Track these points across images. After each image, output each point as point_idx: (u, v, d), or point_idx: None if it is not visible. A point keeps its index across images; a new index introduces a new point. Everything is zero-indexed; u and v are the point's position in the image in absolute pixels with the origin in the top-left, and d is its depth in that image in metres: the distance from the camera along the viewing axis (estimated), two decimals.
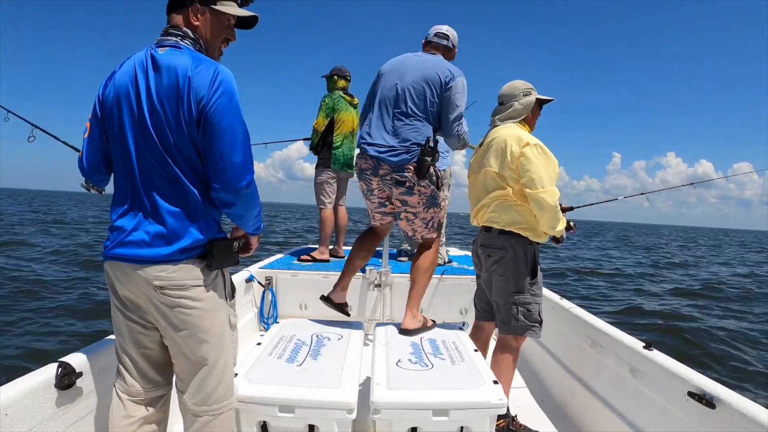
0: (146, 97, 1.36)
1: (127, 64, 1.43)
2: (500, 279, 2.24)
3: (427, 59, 2.39)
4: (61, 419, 1.56)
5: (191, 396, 1.48)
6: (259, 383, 1.66)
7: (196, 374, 1.46)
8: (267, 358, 1.90)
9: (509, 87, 2.32)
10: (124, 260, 1.39)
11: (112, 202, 1.47)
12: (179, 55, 1.38)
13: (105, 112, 1.44)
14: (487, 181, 2.27)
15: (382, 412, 1.59)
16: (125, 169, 1.42)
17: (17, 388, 1.43)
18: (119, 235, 1.40)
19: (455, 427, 1.62)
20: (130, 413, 1.50)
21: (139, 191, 1.40)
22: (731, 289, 11.21)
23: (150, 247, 1.37)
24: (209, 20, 1.47)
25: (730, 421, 1.54)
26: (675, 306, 8.75)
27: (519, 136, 2.16)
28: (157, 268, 1.37)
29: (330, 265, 4.03)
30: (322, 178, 4.15)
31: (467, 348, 2.10)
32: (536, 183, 2.07)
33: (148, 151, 1.37)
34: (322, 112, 4.06)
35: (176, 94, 1.33)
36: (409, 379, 1.74)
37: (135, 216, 1.40)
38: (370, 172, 2.36)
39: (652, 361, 1.96)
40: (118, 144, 1.42)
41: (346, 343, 2.11)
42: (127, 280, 1.41)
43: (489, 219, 2.27)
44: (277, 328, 2.32)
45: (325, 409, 1.59)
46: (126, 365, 1.51)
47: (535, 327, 2.22)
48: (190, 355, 1.44)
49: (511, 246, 2.20)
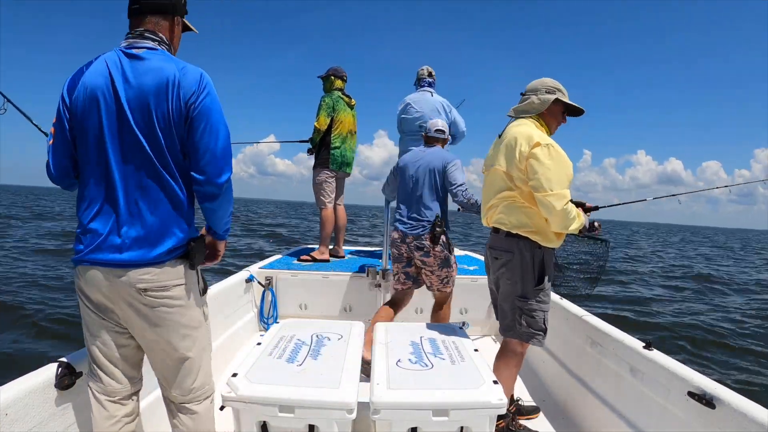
0: (130, 97, 1.36)
1: (96, 65, 1.40)
2: (507, 283, 2.16)
3: (430, 152, 3.09)
4: (61, 419, 1.56)
5: (175, 388, 1.53)
6: (259, 383, 1.66)
7: (180, 368, 1.50)
8: (267, 358, 1.90)
9: (537, 81, 2.22)
10: (104, 265, 1.37)
11: (80, 204, 1.43)
12: (162, 57, 1.41)
13: (75, 114, 1.40)
14: (496, 180, 2.17)
15: (382, 412, 1.59)
16: (99, 171, 1.39)
17: (17, 388, 1.43)
18: (94, 239, 1.38)
19: (455, 427, 1.62)
20: (112, 413, 1.51)
21: (115, 193, 1.38)
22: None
23: (131, 251, 1.37)
24: (179, 32, 1.57)
25: (730, 421, 1.54)
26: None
27: (530, 134, 2.04)
28: (141, 272, 1.38)
29: (330, 265, 4.04)
30: (320, 178, 4.15)
31: (467, 348, 2.10)
32: (544, 186, 1.96)
33: (130, 152, 1.37)
34: (323, 111, 4.04)
35: (165, 94, 1.36)
36: (409, 379, 1.74)
37: (110, 218, 1.39)
38: (399, 240, 3.03)
39: (652, 361, 1.96)
40: (91, 145, 1.39)
41: (346, 343, 2.11)
42: (104, 285, 1.39)
43: (497, 220, 2.18)
44: (277, 328, 2.32)
45: (325, 409, 1.59)
46: (103, 366, 1.50)
47: (538, 336, 2.12)
48: (171, 351, 1.47)
49: (518, 249, 2.10)
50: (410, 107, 4.34)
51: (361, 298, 3.66)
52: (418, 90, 4.43)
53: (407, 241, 2.98)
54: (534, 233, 2.08)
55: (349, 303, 3.68)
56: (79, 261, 1.41)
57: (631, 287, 10.78)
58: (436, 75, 4.46)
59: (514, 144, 2.06)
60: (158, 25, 1.48)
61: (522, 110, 2.20)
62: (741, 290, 11.32)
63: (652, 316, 7.81)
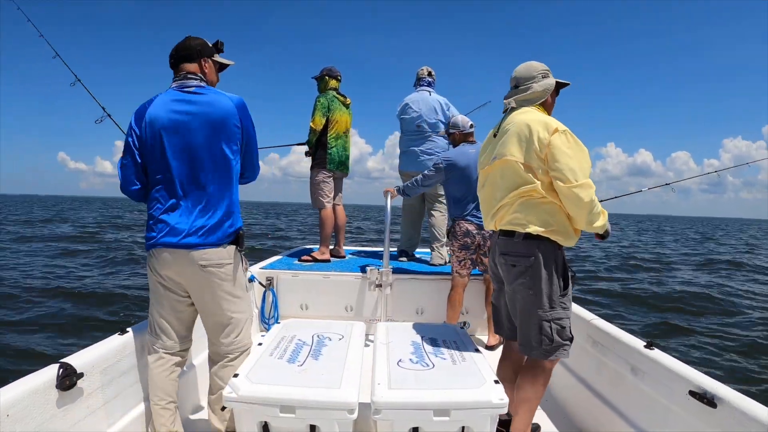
0: (192, 123, 1.82)
1: (159, 101, 1.86)
2: (528, 293, 1.89)
3: (476, 149, 3.36)
4: (62, 420, 1.56)
5: (221, 341, 1.97)
6: (261, 383, 1.66)
7: (228, 325, 1.95)
8: (268, 358, 1.90)
9: (526, 68, 2.03)
10: (175, 247, 1.82)
11: (153, 202, 1.87)
12: (212, 91, 1.90)
13: (144, 140, 1.84)
14: (507, 175, 1.92)
15: (383, 412, 1.59)
16: (173, 178, 1.82)
17: (18, 389, 1.44)
18: (165, 228, 1.83)
19: (456, 427, 1.62)
20: (166, 361, 1.97)
21: (193, 194, 1.84)
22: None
23: (195, 236, 1.82)
24: (212, 67, 2.01)
25: (731, 421, 1.54)
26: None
27: (545, 120, 1.86)
28: (202, 252, 1.83)
29: (330, 265, 4.03)
30: (318, 178, 4.13)
31: (468, 347, 2.10)
32: (568, 176, 1.77)
33: (202, 165, 1.83)
34: (319, 111, 4.01)
35: (227, 120, 1.85)
36: (410, 378, 1.74)
37: (183, 212, 1.84)
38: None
39: (654, 360, 1.96)
40: (160, 162, 1.83)
41: (347, 344, 2.11)
42: (173, 262, 1.84)
43: (511, 221, 1.92)
44: (278, 329, 2.32)
45: (326, 409, 1.59)
46: (164, 329, 1.96)
47: (566, 345, 1.92)
48: (219, 313, 1.93)
49: (540, 252, 1.87)
50: (408, 107, 4.34)
51: (362, 298, 3.66)
52: (417, 90, 4.43)
53: (482, 232, 3.33)
54: (556, 233, 1.86)
55: (350, 303, 3.67)
56: (154, 245, 1.84)
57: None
58: (435, 75, 4.48)
59: (528, 131, 1.85)
60: (191, 68, 1.93)
61: (525, 100, 2.00)
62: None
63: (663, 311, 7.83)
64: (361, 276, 3.65)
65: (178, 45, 1.95)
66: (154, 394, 1.93)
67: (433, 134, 4.27)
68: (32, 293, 7.40)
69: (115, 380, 1.90)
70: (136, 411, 2.01)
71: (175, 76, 1.93)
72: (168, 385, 1.95)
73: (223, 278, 1.89)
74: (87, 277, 9.02)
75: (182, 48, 1.94)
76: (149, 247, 1.88)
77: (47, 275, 9.00)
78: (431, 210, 4.35)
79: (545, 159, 1.82)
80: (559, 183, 1.80)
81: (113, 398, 1.88)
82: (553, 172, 1.81)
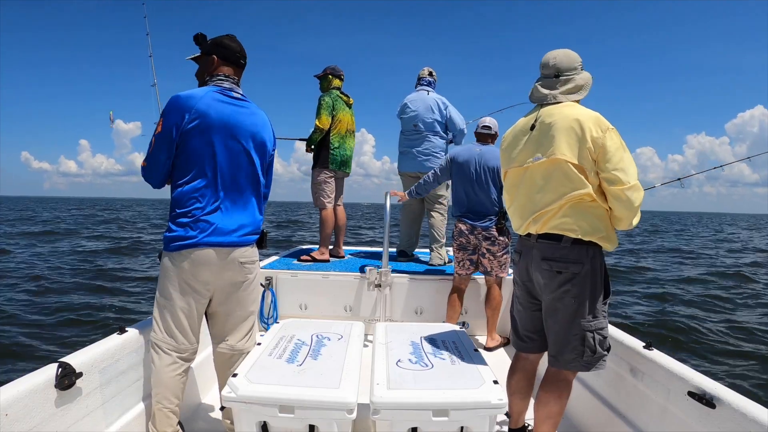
0: (246, 128, 1.92)
1: (208, 98, 1.84)
2: (572, 302, 1.77)
3: (486, 150, 3.42)
4: (61, 419, 1.56)
5: (239, 336, 2.05)
6: (259, 383, 1.66)
7: (246, 319, 2.06)
8: (267, 358, 1.90)
9: (566, 56, 1.84)
10: (221, 246, 1.88)
11: (193, 202, 1.85)
12: (254, 104, 2.02)
13: (192, 136, 1.81)
14: (555, 176, 1.76)
15: (382, 413, 1.59)
16: (216, 178, 1.86)
17: (17, 389, 1.44)
18: (209, 227, 1.85)
19: (455, 427, 1.62)
20: (181, 365, 1.94)
21: (231, 195, 1.91)
22: None
23: (240, 235, 1.93)
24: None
25: (730, 421, 1.54)
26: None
27: (597, 117, 1.71)
28: (242, 250, 1.95)
29: (330, 265, 4.03)
30: (320, 177, 4.13)
31: (467, 348, 2.10)
32: (622, 178, 1.66)
33: (237, 169, 1.91)
34: (324, 111, 3.99)
35: (267, 131, 2.03)
36: (409, 379, 1.74)
37: (224, 212, 1.90)
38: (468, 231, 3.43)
39: (653, 360, 1.96)
40: (207, 158, 1.84)
41: (346, 343, 2.11)
42: (217, 262, 1.88)
43: (559, 226, 1.77)
44: (277, 328, 2.32)
45: (325, 409, 1.59)
46: (183, 330, 1.93)
47: (605, 356, 1.83)
48: (243, 308, 2.04)
49: (589, 259, 1.76)
50: (407, 107, 4.36)
51: (361, 299, 3.66)
52: (417, 90, 4.45)
53: (476, 232, 3.38)
54: (604, 239, 1.76)
55: (350, 303, 3.67)
56: (196, 244, 1.83)
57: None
58: (437, 75, 4.51)
59: (579, 128, 1.70)
60: (237, 74, 2.02)
61: (570, 92, 1.83)
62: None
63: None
64: (360, 276, 3.65)
65: (240, 45, 2.02)
66: (163, 396, 1.89)
67: (429, 134, 4.28)
68: (32, 293, 7.40)
69: (114, 380, 1.90)
70: (135, 410, 2.01)
71: (220, 76, 1.96)
72: (178, 388, 1.93)
73: (255, 275, 2.06)
74: (84, 275, 9.01)
75: (241, 49, 2.02)
76: (183, 247, 1.83)
77: (47, 276, 9.00)
78: (431, 211, 4.36)
79: (598, 159, 1.69)
80: (611, 185, 1.69)
81: (112, 398, 1.88)
82: (605, 174, 1.69)
